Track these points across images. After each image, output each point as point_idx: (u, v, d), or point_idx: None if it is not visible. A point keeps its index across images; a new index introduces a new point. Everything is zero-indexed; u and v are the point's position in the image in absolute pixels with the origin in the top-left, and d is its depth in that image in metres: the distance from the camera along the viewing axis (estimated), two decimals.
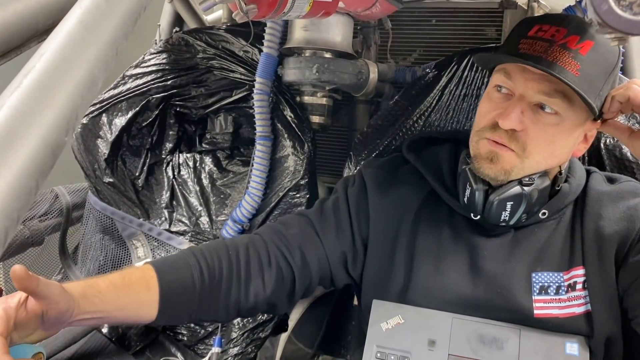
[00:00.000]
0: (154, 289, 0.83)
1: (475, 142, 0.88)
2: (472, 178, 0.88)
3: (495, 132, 0.84)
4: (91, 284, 0.77)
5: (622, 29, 0.53)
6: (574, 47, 0.80)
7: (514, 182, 0.86)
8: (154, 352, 1.28)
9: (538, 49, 0.81)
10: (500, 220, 0.88)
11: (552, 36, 0.81)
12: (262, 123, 1.28)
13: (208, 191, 1.41)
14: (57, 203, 1.41)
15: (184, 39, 1.38)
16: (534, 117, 0.83)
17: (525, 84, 0.82)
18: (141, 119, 1.40)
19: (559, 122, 0.83)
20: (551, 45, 0.80)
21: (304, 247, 0.95)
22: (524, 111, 0.82)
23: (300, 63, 1.22)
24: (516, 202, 0.86)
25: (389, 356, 0.90)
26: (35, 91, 0.38)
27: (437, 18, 1.40)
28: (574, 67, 0.79)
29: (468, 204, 0.90)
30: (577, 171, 0.94)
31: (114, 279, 0.80)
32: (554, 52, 0.80)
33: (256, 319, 1.24)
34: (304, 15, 0.80)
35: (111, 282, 0.79)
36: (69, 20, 0.42)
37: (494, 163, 0.85)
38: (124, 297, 0.79)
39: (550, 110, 0.82)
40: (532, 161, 0.85)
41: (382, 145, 1.22)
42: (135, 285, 0.81)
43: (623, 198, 0.90)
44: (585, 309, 0.86)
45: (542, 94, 0.81)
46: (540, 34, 0.82)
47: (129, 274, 0.83)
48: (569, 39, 0.80)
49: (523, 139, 0.83)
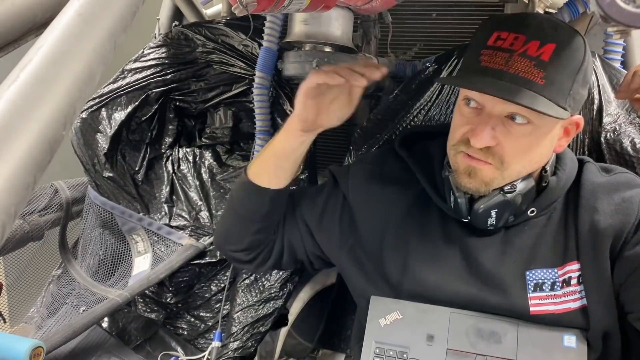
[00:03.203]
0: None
1: (452, 155, 0.88)
2: (455, 188, 0.88)
3: (470, 148, 0.83)
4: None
5: (625, 21, 0.53)
6: (535, 53, 0.78)
7: (496, 190, 0.85)
8: (154, 346, 1.29)
9: (499, 61, 0.79)
10: (488, 225, 0.88)
11: (511, 45, 0.79)
12: (261, 117, 1.28)
13: (208, 186, 1.40)
14: (57, 197, 1.41)
15: (184, 33, 1.37)
16: (506, 130, 0.81)
17: (492, 98, 0.80)
18: (141, 114, 1.40)
19: (532, 131, 0.81)
20: (511, 55, 0.78)
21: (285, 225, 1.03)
22: (494, 127, 0.81)
23: (300, 57, 1.22)
24: (500, 209, 0.86)
25: (387, 351, 0.90)
26: (33, 85, 0.38)
27: (437, 12, 1.40)
28: (538, 76, 0.77)
29: (454, 209, 0.90)
30: (566, 163, 0.92)
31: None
32: (515, 63, 0.78)
33: (256, 314, 1.24)
34: (304, 9, 0.80)
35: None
36: (67, 13, 0.41)
37: (472, 177, 0.84)
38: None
39: (522, 120, 0.80)
40: (511, 171, 0.84)
41: (382, 139, 1.21)
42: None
43: (618, 190, 0.88)
44: (581, 304, 0.86)
45: (510, 104, 0.79)
46: (499, 42, 0.80)
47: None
48: (529, 45, 0.78)
49: (499, 152, 0.82)
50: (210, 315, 1.32)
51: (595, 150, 1.11)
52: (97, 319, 1.19)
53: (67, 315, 1.31)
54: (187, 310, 1.34)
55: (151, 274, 1.27)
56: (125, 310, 1.31)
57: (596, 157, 1.09)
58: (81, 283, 1.34)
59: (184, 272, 1.33)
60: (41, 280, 1.44)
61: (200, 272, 1.34)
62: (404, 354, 0.89)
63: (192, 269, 1.34)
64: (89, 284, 1.33)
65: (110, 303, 1.19)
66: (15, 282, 1.38)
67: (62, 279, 1.41)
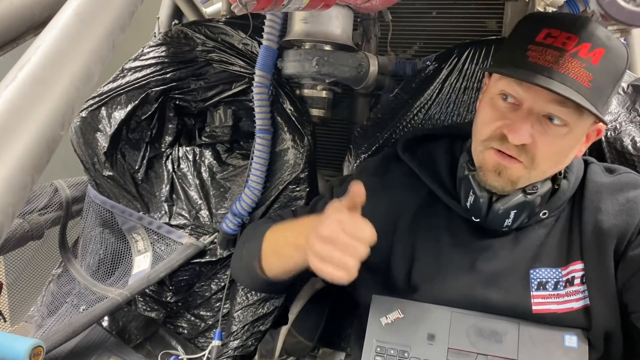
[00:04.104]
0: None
1: (480, 152, 0.85)
2: (477, 186, 0.86)
3: (504, 144, 0.81)
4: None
5: (625, 20, 0.53)
6: (585, 56, 0.77)
7: (518, 190, 0.85)
8: (154, 345, 1.29)
9: (549, 59, 0.77)
10: (503, 227, 0.88)
11: (564, 44, 0.77)
12: (261, 116, 1.27)
13: (208, 184, 1.40)
14: (57, 196, 1.41)
15: (183, 31, 1.37)
16: (543, 130, 0.80)
17: (535, 94, 0.79)
18: (140, 112, 1.40)
19: (567, 133, 0.80)
20: (562, 54, 0.77)
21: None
22: (532, 124, 0.79)
23: (300, 56, 1.22)
24: (519, 210, 0.85)
25: (388, 350, 0.90)
26: (31, 85, 0.38)
27: (437, 10, 1.39)
28: (586, 79, 0.76)
29: (471, 209, 0.89)
30: (574, 165, 0.91)
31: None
32: (565, 62, 0.76)
33: (256, 312, 1.24)
34: (304, 7, 0.79)
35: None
36: (65, 12, 0.41)
37: (501, 176, 0.83)
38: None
39: (559, 122, 0.79)
40: (539, 171, 0.83)
41: (382, 138, 1.21)
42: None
43: (622, 190, 0.88)
44: (584, 304, 0.86)
45: (554, 103, 0.78)
46: (550, 40, 0.78)
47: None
48: (580, 47, 0.77)
49: (532, 151, 0.80)
50: (211, 314, 1.32)
51: (596, 149, 1.11)
52: (97, 318, 1.19)
53: (67, 314, 1.31)
54: (188, 309, 1.34)
55: (151, 272, 1.27)
56: (126, 309, 1.31)
57: (596, 156, 1.09)
58: (81, 282, 1.34)
59: (184, 271, 1.33)
60: (41, 279, 1.44)
61: (201, 271, 1.34)
62: (405, 353, 0.89)
63: (192, 268, 1.34)
64: (89, 283, 1.33)
65: (110, 302, 1.19)
66: (16, 281, 1.38)
67: (62, 278, 1.41)
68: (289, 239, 0.90)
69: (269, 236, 0.96)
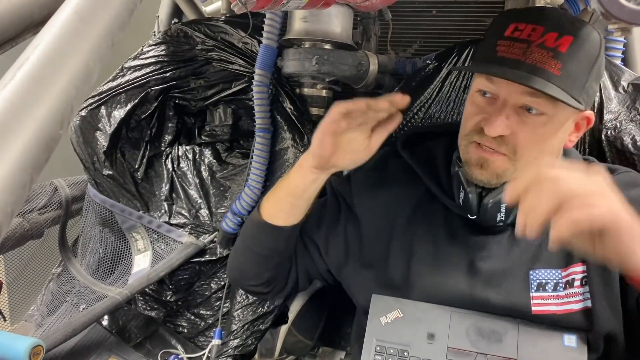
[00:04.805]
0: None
1: (464, 146, 0.87)
2: (465, 181, 0.88)
3: (483, 137, 0.83)
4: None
5: (625, 19, 0.53)
6: (552, 44, 0.78)
7: (506, 183, 0.85)
8: (154, 344, 1.29)
9: (516, 52, 0.79)
10: (497, 221, 0.88)
11: (529, 36, 0.79)
12: (261, 115, 1.27)
13: (207, 183, 1.40)
14: (57, 196, 1.40)
15: (183, 30, 1.37)
16: (520, 120, 0.81)
17: (508, 88, 0.81)
18: (140, 111, 1.39)
19: (546, 122, 0.81)
20: (529, 46, 0.78)
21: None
22: (509, 116, 0.81)
23: (300, 54, 1.21)
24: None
25: (388, 350, 0.90)
26: (30, 83, 0.37)
27: (437, 9, 1.39)
28: (555, 67, 0.78)
29: (463, 205, 0.89)
30: (573, 162, 0.92)
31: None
32: (532, 53, 0.78)
33: (256, 312, 1.24)
34: (303, 6, 0.79)
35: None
36: (64, 11, 0.41)
37: (484, 169, 0.84)
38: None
39: (536, 112, 0.80)
40: (523, 163, 0.84)
41: None
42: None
43: (623, 190, 0.87)
44: (584, 306, 0.85)
45: (526, 94, 0.79)
46: (517, 33, 0.80)
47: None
48: (547, 37, 0.78)
49: (512, 142, 0.82)
50: (211, 313, 1.32)
51: (596, 148, 1.11)
52: (97, 317, 1.19)
53: (67, 313, 1.31)
54: (187, 308, 1.34)
55: (151, 271, 1.27)
56: (125, 308, 1.31)
57: (597, 155, 1.09)
58: (81, 281, 1.34)
59: (184, 270, 1.33)
60: (41, 278, 1.44)
61: (200, 270, 1.34)
62: (405, 352, 0.89)
63: (192, 267, 1.34)
64: (88, 282, 1.33)
65: (110, 301, 1.19)
66: (15, 280, 1.38)
67: (62, 277, 1.41)
68: (289, 174, 0.95)
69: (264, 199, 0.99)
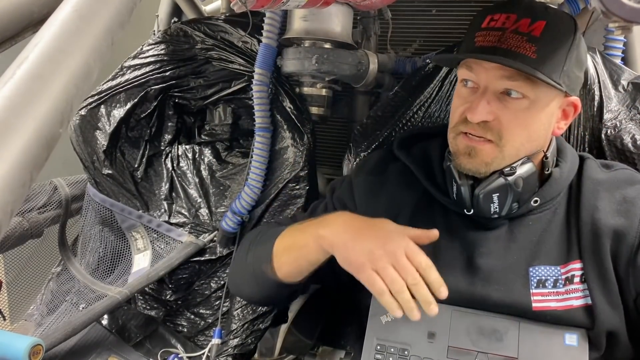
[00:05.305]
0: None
1: (452, 138, 0.89)
2: (456, 174, 0.88)
3: (468, 125, 0.85)
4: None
5: (626, 17, 0.53)
6: (526, 30, 0.81)
7: (496, 173, 0.86)
8: (154, 343, 1.28)
9: (491, 39, 0.82)
10: (491, 213, 0.87)
11: (503, 24, 0.82)
12: (261, 114, 1.27)
13: (207, 183, 1.40)
14: (56, 195, 1.40)
15: (183, 29, 1.37)
16: (502, 105, 0.83)
17: (486, 73, 0.83)
18: (140, 111, 1.39)
19: (529, 105, 0.83)
20: (503, 33, 0.82)
21: None
22: (490, 101, 0.83)
23: (300, 54, 1.21)
24: (502, 193, 0.85)
25: (388, 349, 0.90)
26: (29, 82, 0.37)
27: (437, 8, 1.39)
28: (530, 50, 0.80)
29: (457, 199, 0.89)
30: (567, 155, 0.93)
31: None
32: (507, 39, 0.81)
33: (256, 311, 1.24)
34: (303, 5, 0.79)
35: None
36: (64, 9, 0.41)
37: (472, 157, 0.85)
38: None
39: (517, 95, 0.82)
40: (511, 149, 0.85)
41: (382, 136, 1.21)
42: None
43: (619, 187, 0.89)
44: (584, 302, 0.85)
45: (504, 79, 0.82)
46: (492, 23, 0.83)
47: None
48: (520, 23, 0.82)
49: (497, 127, 0.83)
50: (210, 312, 1.32)
51: (596, 147, 1.11)
52: (96, 317, 1.18)
53: (67, 312, 1.31)
54: (187, 308, 1.34)
55: (151, 271, 1.27)
56: (125, 307, 1.31)
57: (596, 154, 1.09)
58: (81, 280, 1.34)
59: (184, 269, 1.33)
60: (41, 277, 1.44)
61: (200, 269, 1.34)
62: (405, 351, 0.89)
63: (192, 266, 1.34)
64: (88, 281, 1.33)
65: (110, 300, 1.19)
66: (15, 279, 1.38)
67: (61, 276, 1.41)
68: (310, 229, 0.90)
69: (283, 235, 0.95)
